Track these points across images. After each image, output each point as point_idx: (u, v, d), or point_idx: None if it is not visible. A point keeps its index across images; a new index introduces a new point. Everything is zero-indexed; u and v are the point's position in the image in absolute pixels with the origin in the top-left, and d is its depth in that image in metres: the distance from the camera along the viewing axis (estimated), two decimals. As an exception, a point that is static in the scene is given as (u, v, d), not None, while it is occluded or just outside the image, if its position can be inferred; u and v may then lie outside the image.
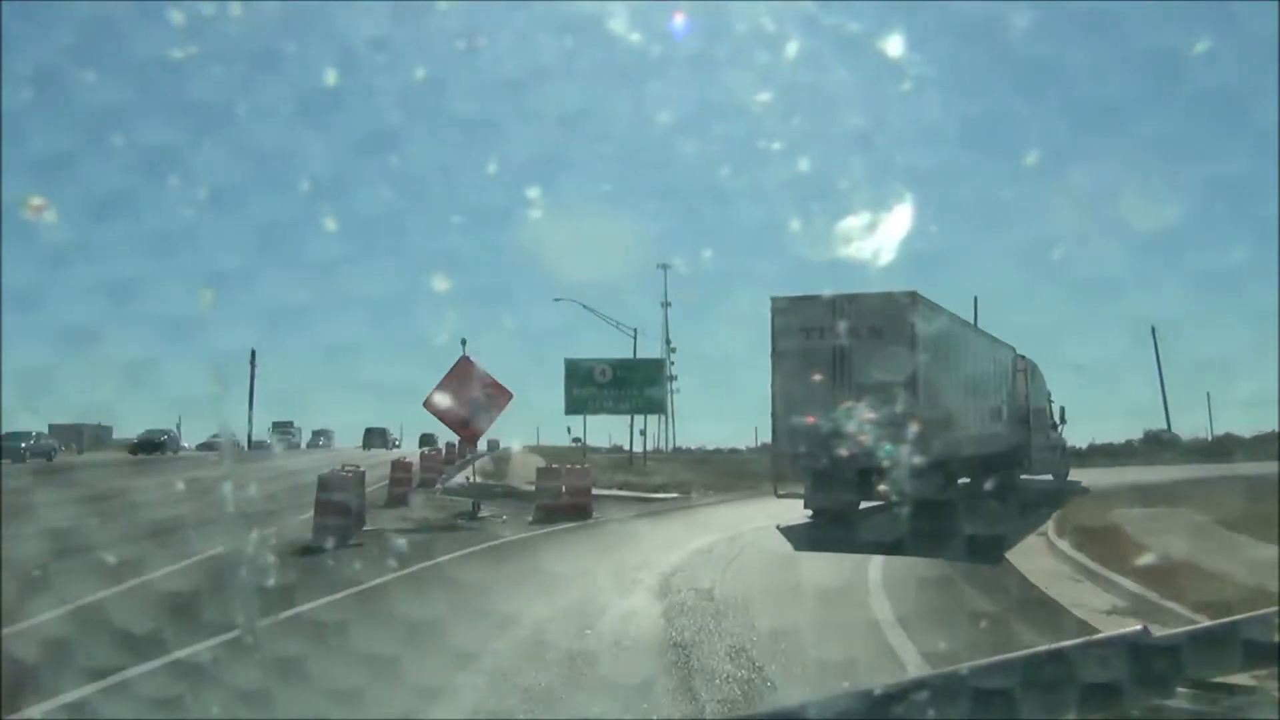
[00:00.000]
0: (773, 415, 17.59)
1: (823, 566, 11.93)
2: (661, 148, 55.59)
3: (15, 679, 5.47)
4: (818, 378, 16.64)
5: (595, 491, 19.93)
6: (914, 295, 17.00)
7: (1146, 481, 23.14)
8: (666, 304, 52.89)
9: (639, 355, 39.17)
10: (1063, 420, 27.40)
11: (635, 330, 41.92)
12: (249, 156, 60.24)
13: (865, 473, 15.63)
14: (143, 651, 6.20)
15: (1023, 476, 24.00)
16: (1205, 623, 1.47)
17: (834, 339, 16.86)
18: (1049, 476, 25.68)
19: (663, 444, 53.49)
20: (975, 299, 35.75)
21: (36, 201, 19.57)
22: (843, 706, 1.42)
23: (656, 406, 36.94)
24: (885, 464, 14.62)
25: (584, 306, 40.32)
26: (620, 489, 25.32)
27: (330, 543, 12.92)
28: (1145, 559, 10.06)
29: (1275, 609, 1.38)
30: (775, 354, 17.41)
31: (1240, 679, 1.41)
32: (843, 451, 15.68)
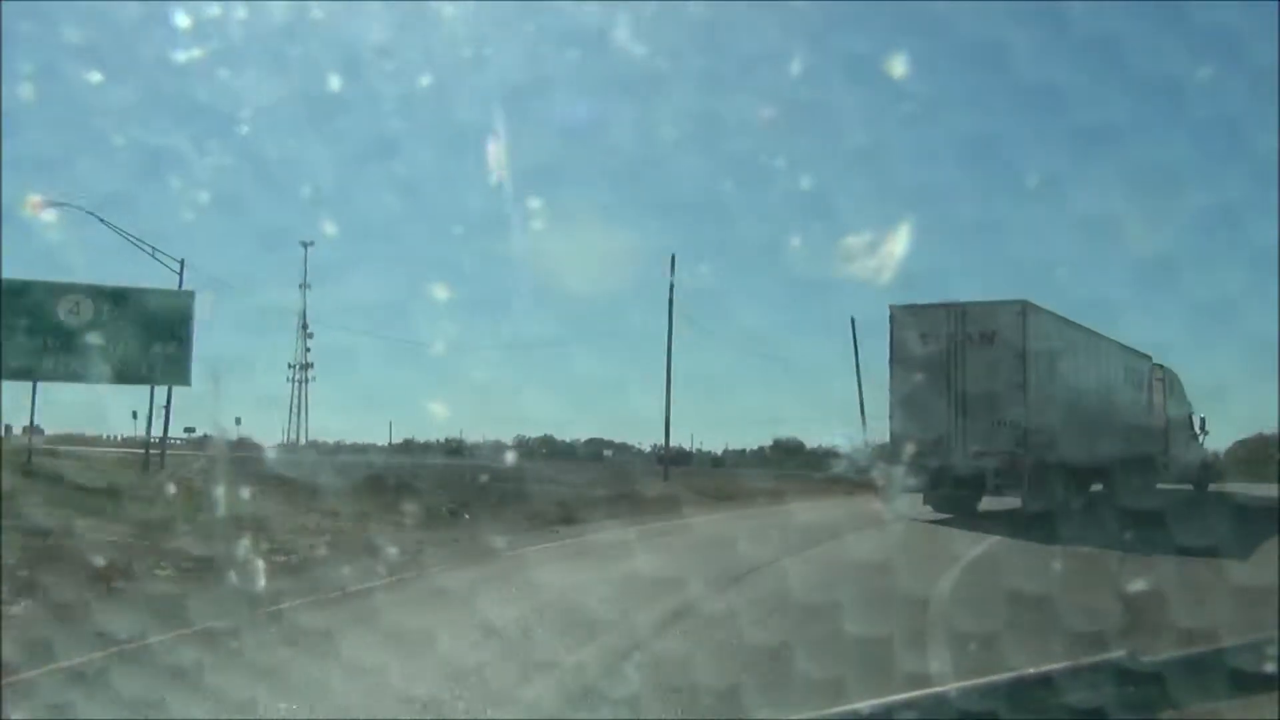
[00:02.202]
0: (890, 418, 18.32)
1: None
2: (663, 161, 55.67)
3: None
4: (935, 383, 17.40)
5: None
6: (1025, 304, 17.61)
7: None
8: (305, 285, 47.45)
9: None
10: (1204, 430, 27.45)
11: (182, 261, 23.05)
12: (251, 160, 60.48)
13: (979, 473, 16.97)
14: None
15: (1160, 485, 23.68)
16: (1192, 649, 1.47)
17: (950, 345, 17.55)
18: (1189, 486, 25.71)
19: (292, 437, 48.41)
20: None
21: (34, 199, 19.19)
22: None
23: (171, 373, 20.74)
24: (998, 466, 16.57)
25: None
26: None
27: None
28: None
29: (1262, 636, 1.39)
30: (893, 359, 18.10)
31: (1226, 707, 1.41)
32: (959, 453, 17.06)
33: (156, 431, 23.79)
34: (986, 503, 17.86)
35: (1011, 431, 16.75)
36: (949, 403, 17.25)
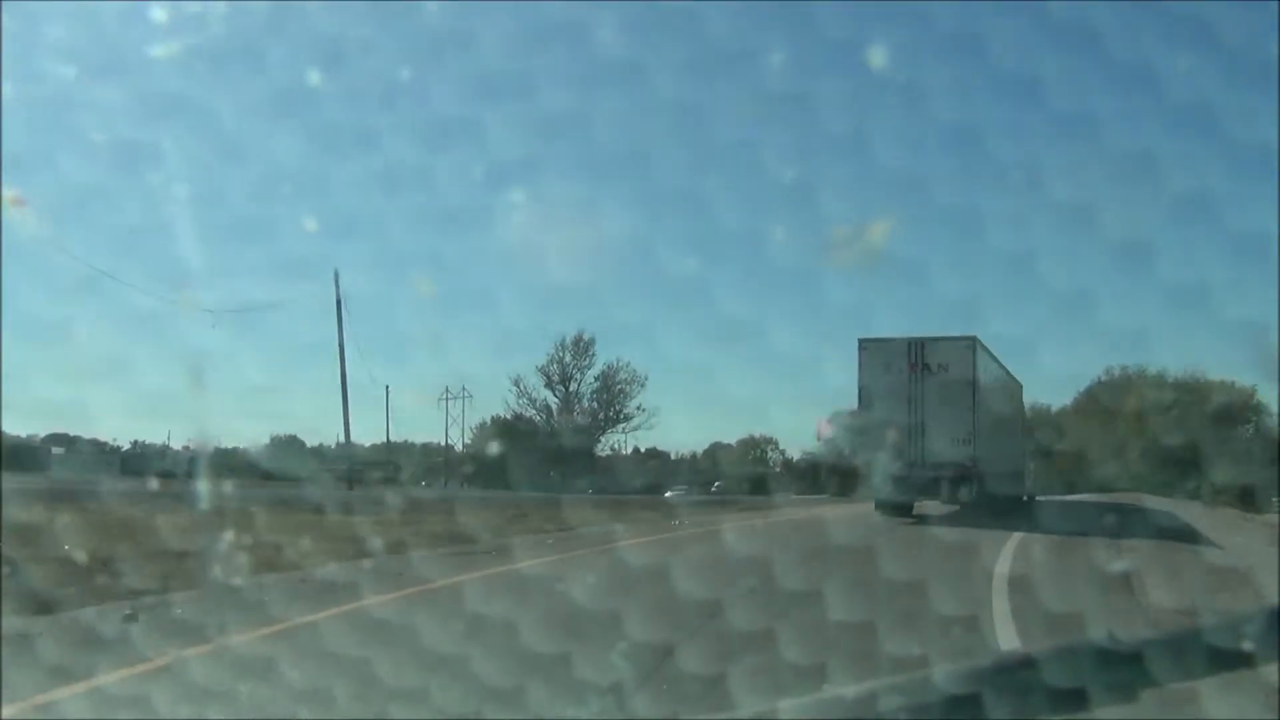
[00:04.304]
0: (861, 434, 21.89)
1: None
2: (643, 151, 55.56)
3: None
4: (896, 404, 20.62)
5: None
6: (974, 340, 21.15)
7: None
8: None
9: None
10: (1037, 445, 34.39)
11: None
12: (225, 152, 59.85)
13: (935, 482, 20.33)
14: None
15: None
16: (1170, 628, 1.49)
17: (910, 374, 20.71)
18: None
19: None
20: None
21: (11, 194, 18.87)
22: (816, 710, 1.43)
23: None
24: (952, 475, 20.09)
25: None
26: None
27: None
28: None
29: (1239, 614, 1.41)
30: (862, 385, 21.13)
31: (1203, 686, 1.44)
32: (918, 464, 20.29)
33: None
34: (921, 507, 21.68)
35: (963, 448, 20.16)
36: (909, 422, 20.39)
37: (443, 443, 67.25)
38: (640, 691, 4.88)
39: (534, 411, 66.29)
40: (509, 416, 65.35)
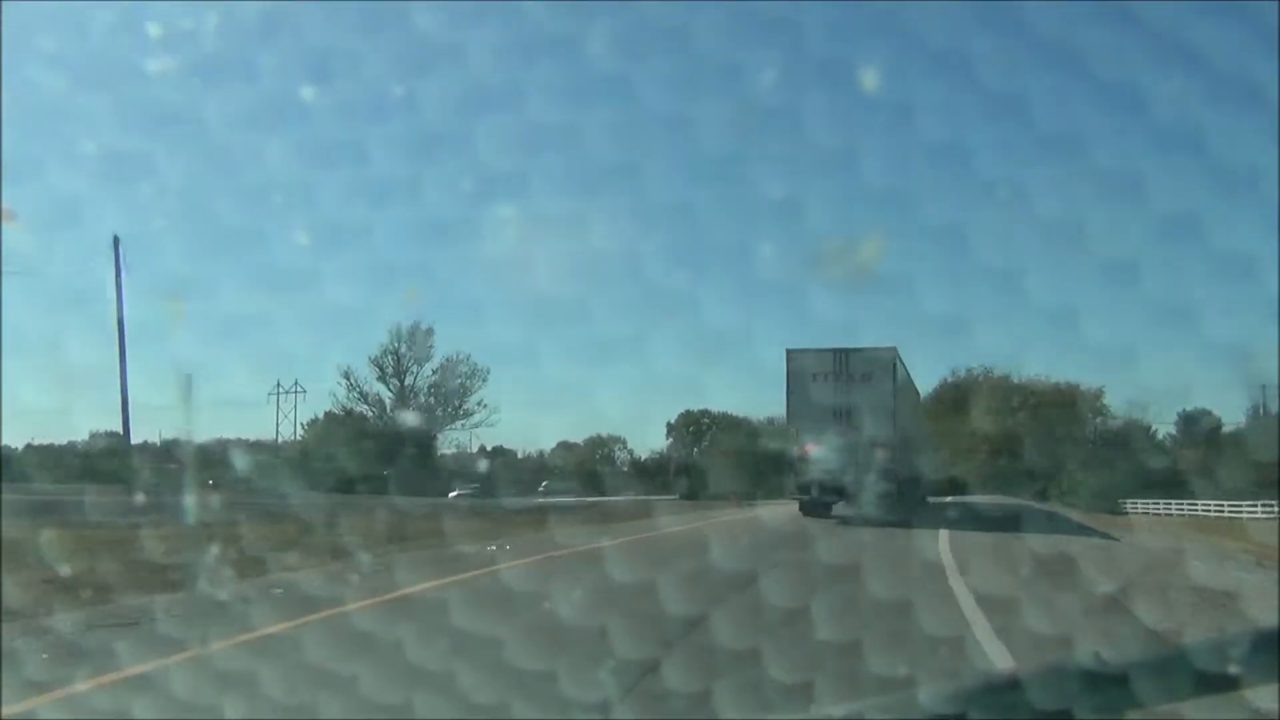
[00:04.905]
0: (790, 441, 22.41)
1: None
2: (633, 161, 55.83)
3: None
4: (823, 412, 21.37)
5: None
6: (894, 351, 22.14)
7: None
8: None
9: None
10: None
11: None
12: (212, 161, 59.74)
13: (858, 483, 21.02)
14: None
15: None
16: (1158, 649, 1.49)
17: (835, 382, 21.47)
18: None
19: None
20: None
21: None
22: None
23: None
24: (875, 478, 20.77)
25: None
26: None
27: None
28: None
29: (1226, 636, 1.40)
30: (789, 392, 21.88)
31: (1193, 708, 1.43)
32: (844, 468, 21.09)
33: None
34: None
35: (885, 452, 21.06)
36: (835, 428, 21.31)
37: (276, 440, 61.59)
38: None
39: (365, 406, 61.03)
40: (339, 412, 60.37)
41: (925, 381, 60.92)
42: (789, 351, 22.11)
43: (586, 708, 4.84)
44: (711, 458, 64.41)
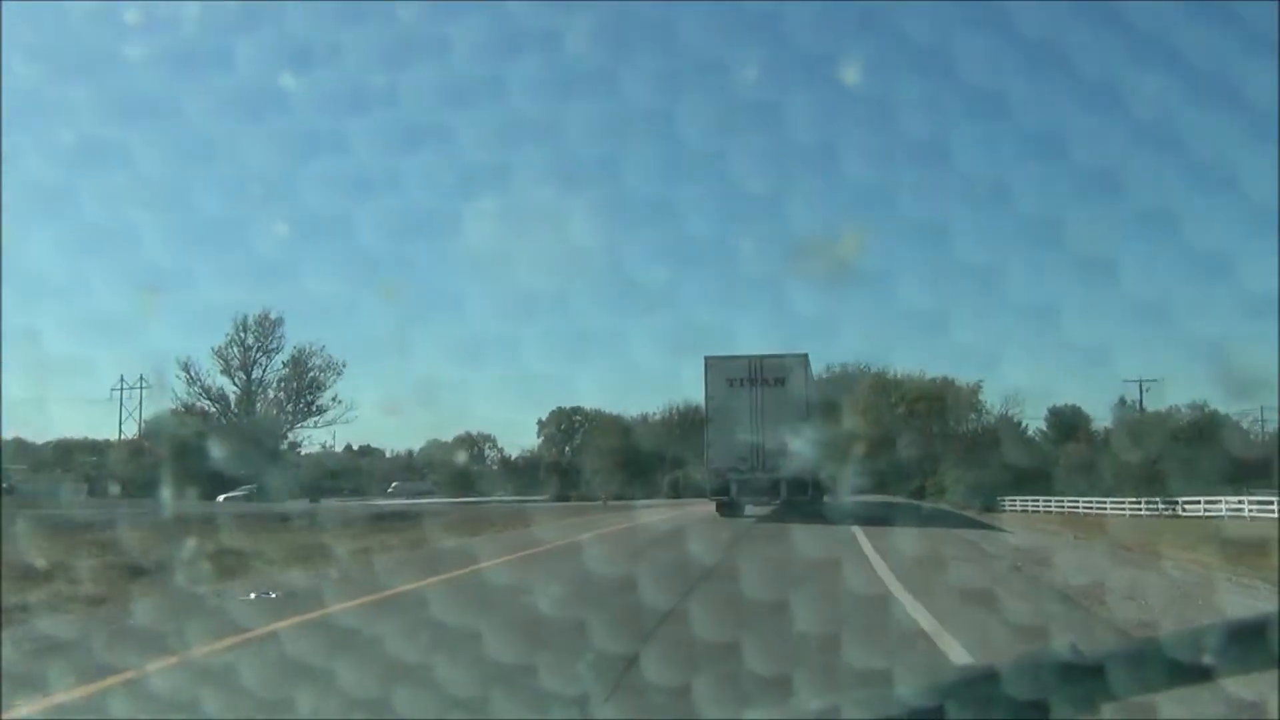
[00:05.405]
0: (706, 444, 23.42)
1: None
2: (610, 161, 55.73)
3: None
4: (739, 415, 22.45)
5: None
6: (805, 357, 23.57)
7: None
8: None
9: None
10: None
11: None
12: (190, 154, 59.12)
13: (775, 485, 22.47)
14: None
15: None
16: (1132, 641, 1.50)
17: (750, 387, 22.58)
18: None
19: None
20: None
21: None
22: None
23: None
24: (789, 479, 22.13)
25: None
26: None
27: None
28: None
29: (1199, 628, 1.42)
30: (708, 397, 23.10)
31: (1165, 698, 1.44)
32: (759, 470, 22.30)
33: None
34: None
35: (798, 454, 21.90)
36: (751, 432, 22.28)
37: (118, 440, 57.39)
38: None
39: (208, 402, 57.15)
40: (180, 408, 56.35)
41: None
42: (707, 359, 23.26)
43: None
44: (584, 456, 62.99)
